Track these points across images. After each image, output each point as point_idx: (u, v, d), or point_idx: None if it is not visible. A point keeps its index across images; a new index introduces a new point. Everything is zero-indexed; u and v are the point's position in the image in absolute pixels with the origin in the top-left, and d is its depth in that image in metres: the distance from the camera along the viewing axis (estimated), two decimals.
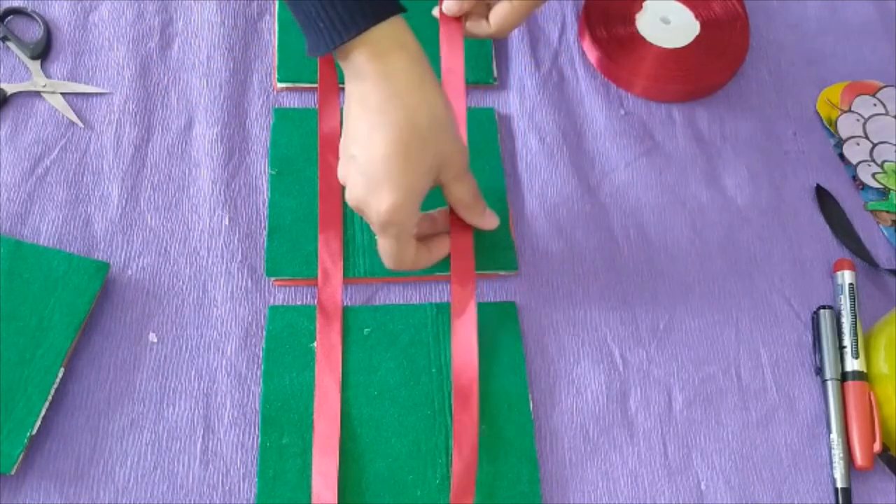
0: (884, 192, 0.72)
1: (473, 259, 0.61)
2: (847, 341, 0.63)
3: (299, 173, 0.65)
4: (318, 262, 0.62)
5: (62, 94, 0.67)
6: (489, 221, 0.60)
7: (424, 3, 0.72)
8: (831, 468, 0.60)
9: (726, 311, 0.65)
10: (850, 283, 0.65)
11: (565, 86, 0.74)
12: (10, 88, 0.66)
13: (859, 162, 0.73)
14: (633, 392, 0.61)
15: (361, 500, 0.55)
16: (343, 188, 0.55)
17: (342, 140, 0.55)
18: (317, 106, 0.68)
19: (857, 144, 0.74)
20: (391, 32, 0.52)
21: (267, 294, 0.61)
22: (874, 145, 0.74)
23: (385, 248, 0.56)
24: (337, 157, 0.65)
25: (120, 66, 0.69)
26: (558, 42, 0.76)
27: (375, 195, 0.52)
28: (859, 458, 0.59)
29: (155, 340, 0.59)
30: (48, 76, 0.68)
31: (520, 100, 0.72)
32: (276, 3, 0.73)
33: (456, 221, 0.61)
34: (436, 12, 0.64)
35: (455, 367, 0.58)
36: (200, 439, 0.56)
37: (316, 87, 0.69)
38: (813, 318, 0.65)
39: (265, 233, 0.63)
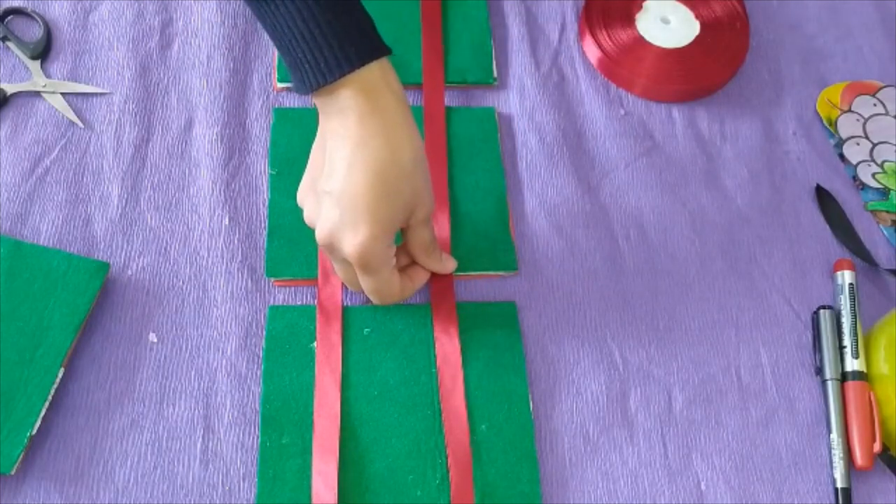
0: (884, 192, 0.72)
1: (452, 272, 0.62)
2: (847, 341, 0.63)
3: (299, 173, 0.64)
4: (318, 262, 0.62)
5: (62, 94, 0.67)
6: (448, 265, 0.61)
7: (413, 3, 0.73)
8: (831, 468, 0.60)
9: (726, 311, 0.65)
10: (850, 283, 0.65)
11: (565, 86, 0.74)
12: (10, 88, 0.66)
13: (859, 162, 0.73)
14: (633, 392, 0.61)
15: (361, 500, 0.55)
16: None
17: (308, 176, 0.55)
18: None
19: (857, 144, 0.74)
20: (379, 72, 0.52)
21: (267, 294, 0.61)
22: (874, 145, 0.74)
23: (369, 285, 0.55)
24: None
25: (120, 66, 0.69)
26: (558, 42, 0.76)
27: (351, 229, 0.51)
28: (859, 458, 0.59)
29: (155, 340, 0.59)
30: (48, 76, 0.68)
31: (520, 100, 0.72)
32: None
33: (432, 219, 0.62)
34: None
35: (440, 372, 0.59)
36: (200, 439, 0.56)
37: None
38: (813, 318, 0.65)
39: (265, 233, 0.63)
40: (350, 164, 0.51)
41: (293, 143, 0.67)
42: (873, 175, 0.73)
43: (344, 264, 0.55)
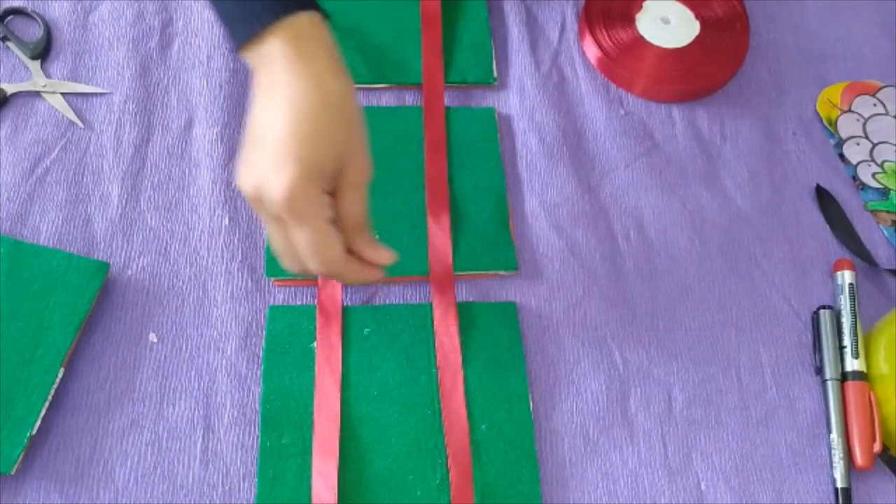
0: (884, 192, 0.72)
1: (451, 262, 0.62)
2: (847, 341, 0.63)
3: None
4: None
5: (62, 94, 0.67)
6: (382, 255, 0.54)
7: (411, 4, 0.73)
8: (831, 468, 0.60)
9: (726, 311, 0.65)
10: (850, 283, 0.65)
11: (565, 86, 0.74)
12: (10, 88, 0.66)
13: (859, 162, 0.73)
14: (633, 392, 0.61)
15: (361, 500, 0.55)
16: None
17: (246, 137, 0.51)
18: None
19: (857, 144, 0.74)
20: (308, 23, 0.50)
21: (267, 294, 0.61)
22: (874, 145, 0.74)
23: (305, 238, 0.49)
24: None
25: (120, 66, 0.69)
26: (558, 42, 0.76)
27: (276, 172, 0.47)
28: (859, 458, 0.59)
29: (155, 340, 0.59)
30: (48, 76, 0.68)
31: (520, 100, 0.72)
32: None
33: (432, 219, 0.63)
34: None
35: (440, 373, 0.59)
36: (200, 439, 0.56)
37: None
38: (813, 318, 0.65)
39: (265, 233, 0.63)
40: (273, 105, 0.49)
41: None
42: (873, 175, 0.73)
43: (276, 222, 0.49)
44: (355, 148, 0.51)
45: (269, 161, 0.47)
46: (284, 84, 0.49)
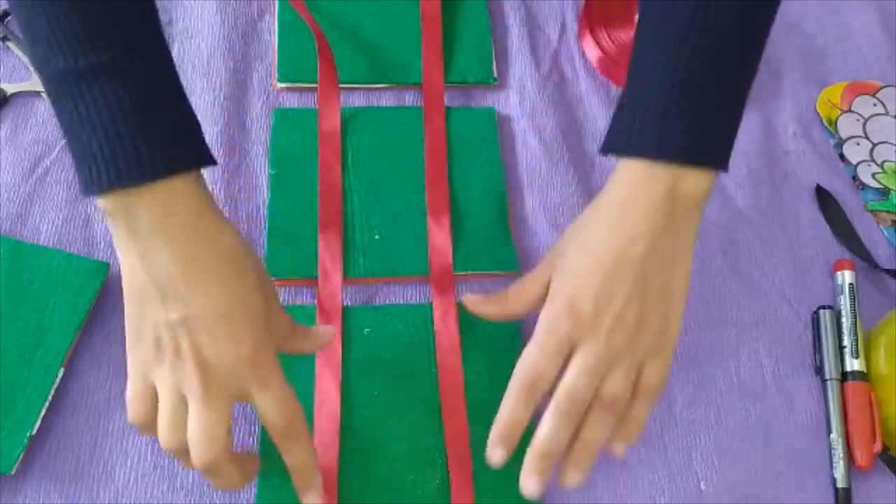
0: (884, 192, 0.72)
1: (451, 262, 0.62)
2: (847, 341, 0.63)
3: (299, 173, 0.65)
4: (318, 263, 0.62)
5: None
6: (320, 335, 0.52)
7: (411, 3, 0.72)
8: (831, 468, 0.60)
9: (726, 311, 0.65)
10: (850, 283, 0.65)
11: (565, 86, 0.74)
12: (10, 88, 0.66)
13: (859, 162, 0.73)
14: None
15: (361, 500, 0.55)
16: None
17: (137, 317, 0.44)
18: (316, 106, 0.68)
19: (857, 144, 0.74)
20: (196, 176, 0.44)
21: None
22: (874, 145, 0.74)
23: (268, 402, 0.45)
24: (337, 157, 0.66)
25: None
26: (558, 42, 0.76)
27: (233, 348, 0.44)
28: (859, 458, 0.59)
29: None
30: None
31: (520, 100, 0.72)
32: (276, 3, 0.73)
33: (432, 219, 0.63)
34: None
35: (441, 373, 0.59)
36: None
37: (316, 87, 0.69)
38: (813, 318, 0.65)
39: (265, 233, 0.63)
40: (194, 283, 0.43)
41: (293, 143, 0.67)
42: (873, 175, 0.73)
43: (218, 399, 0.44)
44: (263, 276, 0.48)
45: (218, 335, 0.43)
46: (190, 256, 0.43)
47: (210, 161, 0.45)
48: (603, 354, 0.46)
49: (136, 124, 0.41)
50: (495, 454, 0.47)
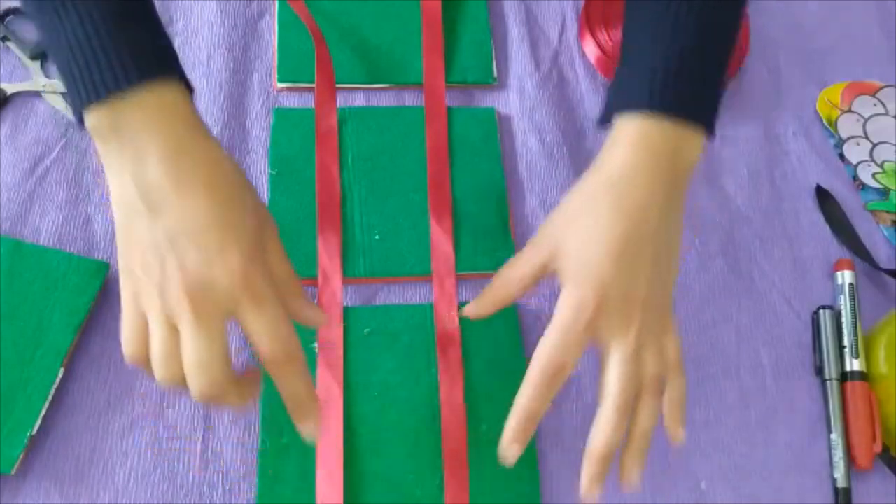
0: (884, 192, 0.72)
1: (453, 262, 0.62)
2: (847, 341, 0.63)
3: (299, 173, 0.65)
4: (318, 263, 0.62)
5: (62, 94, 0.67)
6: (318, 315, 0.49)
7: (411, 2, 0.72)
8: (831, 468, 0.60)
9: (726, 311, 0.65)
10: (850, 283, 0.65)
11: (565, 86, 0.74)
12: (10, 88, 0.66)
13: (859, 162, 0.73)
14: None
15: (362, 500, 0.55)
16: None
17: (125, 236, 0.44)
18: (314, 105, 0.68)
19: (857, 144, 0.74)
20: (180, 91, 0.45)
21: None
22: (874, 145, 0.74)
23: (264, 325, 0.44)
24: (335, 158, 0.66)
25: None
26: (558, 42, 0.76)
27: (218, 260, 0.42)
28: (859, 458, 0.59)
29: None
30: (48, 76, 0.68)
31: (520, 100, 0.72)
32: (276, 3, 0.73)
33: (433, 219, 0.63)
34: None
35: (440, 372, 0.59)
36: (200, 439, 0.56)
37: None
38: (813, 318, 0.65)
39: None
40: (180, 194, 0.43)
41: (293, 143, 0.67)
42: (873, 175, 0.73)
43: (211, 322, 0.43)
44: (260, 203, 0.48)
45: (207, 250, 0.42)
46: (176, 168, 0.43)
47: (186, 83, 0.45)
48: (637, 340, 0.46)
49: (109, 38, 0.42)
50: (511, 451, 0.47)
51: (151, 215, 0.43)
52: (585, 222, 0.47)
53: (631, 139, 0.47)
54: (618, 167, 0.47)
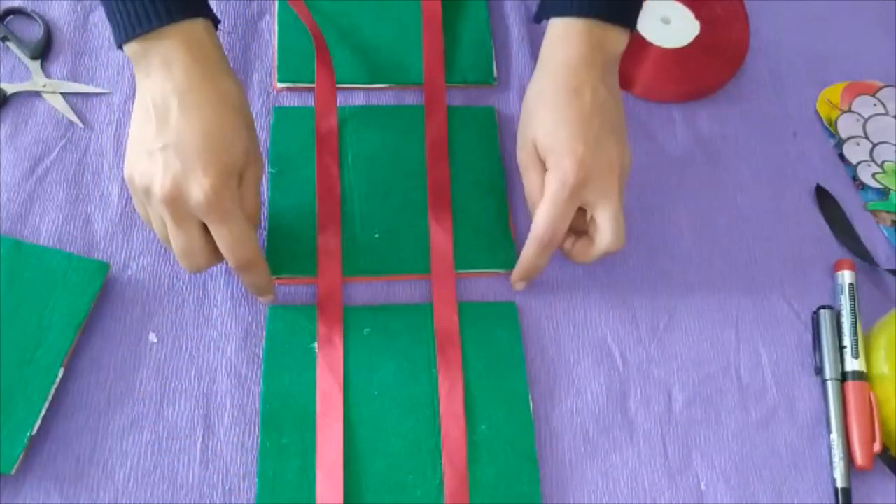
0: (884, 192, 0.72)
1: (452, 262, 0.63)
2: (847, 341, 0.63)
3: (299, 172, 0.65)
4: (318, 261, 0.62)
5: (62, 94, 0.67)
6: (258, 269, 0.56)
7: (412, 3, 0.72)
8: (831, 468, 0.60)
9: (726, 311, 0.65)
10: (850, 283, 0.65)
11: None
12: (10, 88, 0.66)
13: (859, 162, 0.73)
14: (633, 392, 0.61)
15: (362, 500, 0.55)
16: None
17: (134, 144, 0.53)
18: (314, 105, 0.68)
19: (857, 144, 0.74)
20: (204, 28, 0.54)
21: None
22: (874, 145, 0.74)
23: (226, 239, 0.52)
24: (334, 158, 0.66)
25: (120, 66, 0.69)
26: None
27: (194, 175, 0.50)
28: (859, 458, 0.59)
29: (155, 340, 0.59)
30: (48, 76, 0.68)
31: (520, 100, 0.71)
32: (276, 3, 0.73)
33: (433, 218, 0.63)
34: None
35: (440, 372, 0.59)
36: (200, 439, 0.56)
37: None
38: (813, 318, 0.65)
39: (265, 232, 0.63)
40: (183, 112, 0.52)
41: (293, 142, 0.67)
42: (873, 175, 0.73)
43: (186, 224, 0.52)
44: (254, 146, 0.55)
45: (190, 164, 0.51)
46: (188, 90, 0.52)
47: (213, 17, 0.55)
48: (615, 185, 0.57)
49: None
50: (518, 285, 0.62)
51: (158, 125, 0.52)
52: (545, 112, 0.58)
53: (568, 38, 0.58)
54: (561, 61, 0.58)
